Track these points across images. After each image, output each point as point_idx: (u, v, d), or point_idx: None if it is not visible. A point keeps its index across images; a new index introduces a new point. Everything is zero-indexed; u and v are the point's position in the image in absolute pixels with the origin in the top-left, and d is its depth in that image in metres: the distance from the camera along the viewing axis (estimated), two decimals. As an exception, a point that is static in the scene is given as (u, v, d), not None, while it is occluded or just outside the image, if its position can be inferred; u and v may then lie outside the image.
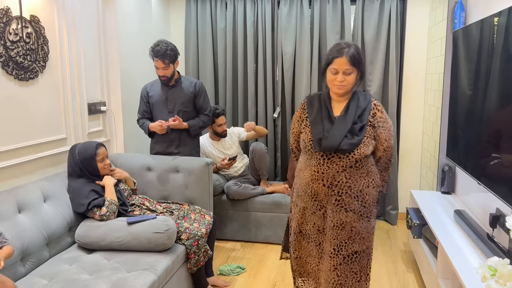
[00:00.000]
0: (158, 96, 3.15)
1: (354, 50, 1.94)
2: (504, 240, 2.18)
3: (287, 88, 4.11)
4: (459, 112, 2.79)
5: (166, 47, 2.94)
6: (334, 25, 3.94)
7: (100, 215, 2.42)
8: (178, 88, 3.13)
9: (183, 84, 3.14)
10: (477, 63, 2.45)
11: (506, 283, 1.27)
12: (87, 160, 2.52)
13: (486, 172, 2.27)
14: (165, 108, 3.13)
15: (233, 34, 4.18)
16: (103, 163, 2.57)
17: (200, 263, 2.57)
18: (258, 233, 3.60)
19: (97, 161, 2.54)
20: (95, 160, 2.53)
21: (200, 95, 3.17)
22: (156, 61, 2.97)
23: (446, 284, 2.35)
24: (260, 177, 3.74)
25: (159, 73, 3.04)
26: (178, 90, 3.13)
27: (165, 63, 2.96)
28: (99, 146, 2.58)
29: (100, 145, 2.59)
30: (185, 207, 2.78)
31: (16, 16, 2.35)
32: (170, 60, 2.97)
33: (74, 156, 2.54)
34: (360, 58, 1.97)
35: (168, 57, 2.95)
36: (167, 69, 3.00)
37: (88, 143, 2.59)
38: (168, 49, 2.94)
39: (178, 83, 3.14)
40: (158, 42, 2.99)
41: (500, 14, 2.13)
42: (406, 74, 4.03)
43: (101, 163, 2.56)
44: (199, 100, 3.18)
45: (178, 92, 3.13)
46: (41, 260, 2.23)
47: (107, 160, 2.60)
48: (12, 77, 2.34)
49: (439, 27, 3.52)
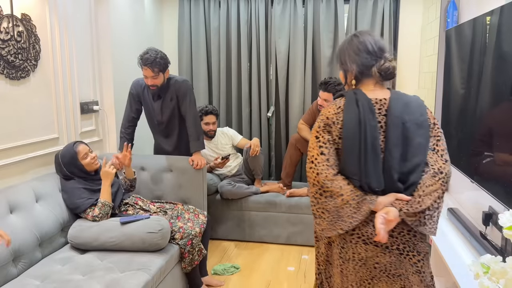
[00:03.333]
0: (148, 104, 3.04)
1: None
2: (496, 238, 2.19)
3: (281, 87, 4.11)
4: (452, 111, 2.81)
5: (155, 55, 2.77)
6: (328, 24, 3.94)
7: (92, 216, 2.40)
8: (165, 99, 2.97)
9: (169, 92, 2.96)
10: (469, 62, 2.46)
11: (499, 280, 1.27)
12: (71, 163, 2.50)
13: (479, 171, 2.28)
14: (154, 119, 3.06)
15: (227, 33, 4.17)
16: (88, 159, 2.53)
17: (195, 262, 2.56)
18: (252, 233, 3.60)
19: (80, 159, 2.50)
20: (78, 161, 2.50)
21: (184, 99, 2.95)
22: (145, 69, 2.80)
23: (439, 281, 2.36)
24: (255, 176, 3.74)
25: (148, 83, 2.86)
26: (165, 101, 2.97)
27: (154, 71, 2.79)
28: (77, 145, 2.54)
29: (78, 143, 2.56)
30: (178, 206, 2.77)
31: (7, 15, 2.32)
32: (159, 69, 2.80)
33: (59, 164, 2.52)
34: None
35: (158, 65, 2.78)
36: (156, 78, 2.83)
37: (66, 147, 2.56)
38: (158, 57, 2.78)
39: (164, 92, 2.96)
40: (147, 50, 2.82)
41: (492, 13, 2.14)
42: (399, 73, 4.05)
43: (86, 159, 2.52)
44: (182, 106, 2.98)
45: (165, 103, 2.97)
46: (34, 260, 2.21)
47: (91, 154, 2.56)
48: (3, 76, 2.32)
49: (432, 26, 3.53)
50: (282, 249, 3.51)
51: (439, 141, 1.60)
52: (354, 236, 1.58)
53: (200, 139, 2.98)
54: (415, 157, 1.55)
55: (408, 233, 1.58)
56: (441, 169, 1.56)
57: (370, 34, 1.64)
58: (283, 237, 3.56)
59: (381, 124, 1.57)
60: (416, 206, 1.52)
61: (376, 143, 1.54)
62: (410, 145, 1.55)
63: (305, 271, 3.12)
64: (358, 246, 1.58)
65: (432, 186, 1.54)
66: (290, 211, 3.50)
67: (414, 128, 1.56)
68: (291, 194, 3.56)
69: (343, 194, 1.53)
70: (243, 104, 4.20)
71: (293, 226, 3.52)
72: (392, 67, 1.60)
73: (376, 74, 1.60)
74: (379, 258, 1.58)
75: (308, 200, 3.48)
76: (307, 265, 3.21)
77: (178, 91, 2.95)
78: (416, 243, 1.58)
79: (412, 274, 1.58)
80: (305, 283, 2.94)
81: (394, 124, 1.55)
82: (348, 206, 1.54)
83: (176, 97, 2.97)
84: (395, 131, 1.54)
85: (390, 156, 1.54)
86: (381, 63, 1.59)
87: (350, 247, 1.60)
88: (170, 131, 3.09)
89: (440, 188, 1.54)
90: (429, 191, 1.53)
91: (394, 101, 1.58)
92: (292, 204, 3.49)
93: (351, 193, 1.54)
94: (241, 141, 3.78)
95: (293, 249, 3.50)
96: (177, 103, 2.99)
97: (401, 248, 1.58)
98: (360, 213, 1.54)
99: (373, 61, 1.60)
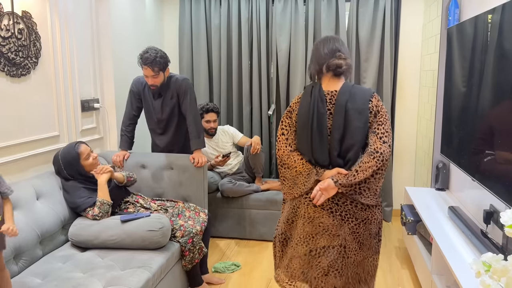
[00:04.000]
0: (148, 102, 3.04)
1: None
2: (497, 236, 2.19)
3: (281, 85, 4.11)
4: (453, 109, 2.80)
5: (155, 54, 2.77)
6: (329, 22, 3.93)
7: (92, 215, 2.40)
8: (165, 97, 2.98)
9: (170, 90, 2.96)
10: (471, 60, 2.46)
11: (500, 278, 1.27)
12: (72, 165, 2.48)
13: (480, 169, 2.28)
14: (154, 116, 3.05)
15: (228, 31, 4.16)
16: (90, 160, 2.52)
17: (195, 260, 2.56)
18: (253, 231, 3.60)
19: (82, 161, 2.49)
20: (79, 162, 2.48)
21: (185, 97, 2.95)
22: (145, 69, 2.79)
23: (440, 280, 2.36)
24: (255, 175, 3.73)
25: (149, 82, 2.87)
26: (165, 99, 2.98)
27: (155, 71, 2.79)
28: (78, 146, 2.51)
29: (80, 144, 2.53)
30: (179, 204, 2.77)
31: (7, 12, 2.32)
32: (160, 68, 2.80)
33: (59, 166, 2.50)
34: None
35: (158, 64, 2.78)
36: (156, 77, 2.83)
37: (67, 148, 2.52)
38: (158, 56, 2.77)
39: (165, 91, 2.96)
40: (147, 49, 2.80)
41: (493, 11, 2.13)
42: (401, 71, 4.04)
43: (87, 160, 2.51)
44: (182, 104, 2.98)
45: (165, 101, 2.98)
46: (34, 258, 2.21)
47: (93, 155, 2.55)
48: (3, 73, 2.32)
49: (433, 24, 3.53)
50: (283, 247, 3.51)
51: (380, 125, 1.89)
52: (307, 199, 1.98)
53: (201, 137, 2.98)
54: (352, 138, 1.89)
55: (350, 203, 1.93)
56: (377, 149, 1.85)
57: (328, 40, 2.00)
58: (283, 235, 3.56)
59: (330, 111, 1.93)
60: (351, 179, 1.85)
61: (322, 126, 1.92)
62: (349, 128, 1.89)
63: (306, 269, 3.12)
64: (309, 207, 1.98)
65: (368, 163, 1.84)
66: (290, 209, 3.50)
67: (354, 114, 1.89)
68: (291, 192, 3.56)
69: (297, 167, 1.98)
70: (244, 102, 4.20)
71: (293, 224, 3.52)
72: (340, 63, 1.93)
73: (326, 70, 1.95)
74: (324, 219, 1.96)
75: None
76: (307, 263, 3.21)
77: (179, 89, 2.95)
78: (355, 211, 1.94)
79: (349, 235, 1.96)
80: (306, 281, 2.94)
81: (337, 111, 1.91)
82: (301, 176, 1.98)
83: (176, 95, 2.97)
84: (338, 117, 1.90)
85: (332, 138, 1.92)
86: (329, 61, 1.94)
87: (303, 207, 2.00)
88: (168, 128, 3.09)
89: (375, 164, 1.83)
90: (365, 167, 1.84)
91: (341, 93, 1.93)
92: (293, 202, 3.49)
93: (302, 166, 1.98)
94: (241, 139, 3.77)
95: (294, 247, 3.50)
96: (177, 101, 2.99)
97: (343, 214, 1.95)
98: (309, 182, 1.95)
99: (324, 60, 1.96)
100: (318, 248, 1.98)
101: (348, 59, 1.97)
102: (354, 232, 1.96)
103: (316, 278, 2.00)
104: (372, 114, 1.90)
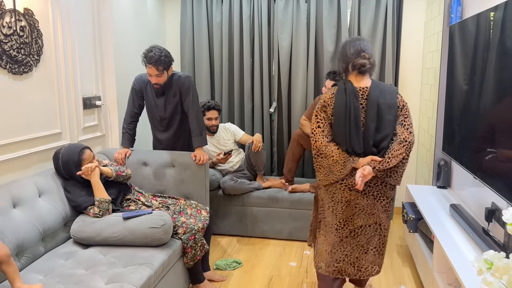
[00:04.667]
0: (150, 100, 3.04)
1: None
2: (499, 234, 2.19)
3: (283, 82, 4.10)
4: (455, 106, 2.80)
5: (160, 53, 2.77)
6: (331, 19, 3.93)
7: (93, 213, 2.41)
8: (168, 95, 2.98)
9: (172, 88, 2.97)
10: (473, 57, 2.45)
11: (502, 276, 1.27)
12: (71, 167, 2.44)
13: (482, 167, 2.28)
14: (156, 114, 3.05)
15: (229, 29, 4.16)
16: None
17: (197, 257, 2.57)
18: (254, 228, 3.61)
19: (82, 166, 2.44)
20: (79, 168, 2.44)
21: (187, 95, 2.95)
22: (149, 67, 2.80)
23: (441, 277, 2.36)
24: (257, 172, 3.74)
25: (152, 81, 2.87)
26: (168, 97, 2.98)
27: (159, 70, 2.80)
28: (83, 152, 2.46)
29: (85, 150, 2.48)
30: (181, 201, 2.77)
31: (9, 9, 2.32)
32: (164, 67, 2.81)
33: (57, 164, 2.47)
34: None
35: (162, 63, 2.78)
36: (160, 76, 2.84)
37: (70, 150, 2.47)
38: (162, 56, 2.77)
39: (168, 89, 2.97)
40: (151, 48, 2.81)
41: (496, 9, 2.12)
42: (402, 68, 4.03)
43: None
44: (185, 102, 2.98)
45: (168, 99, 2.99)
46: (37, 255, 2.22)
47: (94, 161, 2.50)
48: (5, 70, 2.32)
49: (435, 21, 3.52)
50: (284, 244, 3.52)
51: (406, 118, 2.19)
52: (342, 185, 2.22)
53: (203, 134, 2.98)
54: (385, 129, 2.17)
55: (381, 184, 2.22)
56: (406, 138, 2.14)
57: (354, 41, 2.25)
58: (285, 232, 3.57)
59: (362, 106, 2.18)
60: (385, 165, 2.13)
61: (358, 119, 2.16)
62: (382, 121, 2.17)
63: (307, 266, 3.12)
64: (345, 191, 2.22)
65: (398, 150, 2.13)
66: (292, 207, 3.50)
67: (386, 109, 2.16)
68: (293, 190, 3.56)
69: (334, 156, 2.19)
70: (245, 100, 4.19)
71: (295, 222, 3.52)
72: (364, 62, 2.18)
73: (352, 69, 2.21)
74: (359, 200, 2.23)
75: (310, 196, 3.49)
76: (309, 260, 3.22)
77: (181, 87, 2.95)
78: (386, 191, 2.24)
79: (382, 212, 2.26)
80: (307, 278, 2.94)
81: (370, 106, 2.16)
82: (337, 164, 2.19)
83: (179, 93, 2.97)
84: (372, 111, 2.16)
85: (367, 128, 2.17)
86: (354, 61, 2.19)
87: (339, 192, 2.23)
88: (170, 126, 3.09)
89: (404, 152, 2.13)
90: (396, 154, 2.13)
91: (373, 89, 2.19)
92: (294, 200, 3.49)
93: (339, 155, 2.19)
94: (243, 136, 3.77)
95: (295, 245, 3.51)
96: (180, 99, 2.99)
97: (375, 194, 2.23)
98: (345, 169, 2.18)
99: (350, 60, 2.20)
100: (356, 228, 2.26)
101: (371, 58, 2.21)
102: (387, 210, 2.27)
103: (358, 258, 2.30)
104: (399, 108, 2.19)
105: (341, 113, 2.17)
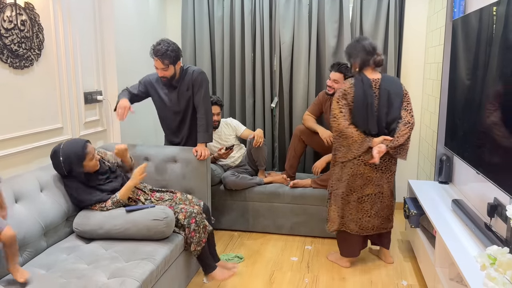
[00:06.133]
0: (162, 96, 3.03)
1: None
2: (501, 230, 2.19)
3: (285, 77, 4.09)
4: (457, 101, 2.79)
5: (167, 47, 2.79)
6: (333, 14, 3.91)
7: (101, 206, 2.40)
8: (181, 89, 2.99)
9: (185, 82, 2.98)
10: (476, 52, 2.44)
11: (505, 271, 1.27)
12: (74, 163, 2.37)
13: (484, 162, 2.27)
14: (170, 109, 3.05)
15: (231, 23, 4.14)
16: (93, 161, 2.42)
17: (202, 240, 2.53)
18: (256, 223, 3.61)
19: (86, 162, 2.39)
20: (82, 163, 2.38)
21: (199, 90, 2.97)
22: (156, 60, 2.83)
23: (443, 272, 2.36)
24: (258, 167, 3.73)
25: (159, 74, 2.91)
26: (181, 90, 2.99)
27: (165, 63, 2.81)
28: (86, 146, 2.40)
29: (87, 143, 2.42)
30: (177, 196, 2.74)
31: (10, 3, 2.31)
32: (170, 61, 2.82)
33: (58, 162, 2.38)
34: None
35: (168, 57, 2.80)
36: (166, 70, 2.85)
37: (72, 145, 2.39)
38: (169, 50, 2.79)
39: (180, 83, 2.98)
40: (160, 41, 2.83)
41: (499, 3, 2.11)
42: (405, 63, 4.01)
43: (92, 161, 2.42)
44: (196, 96, 2.99)
45: (181, 93, 3.00)
46: (39, 249, 2.22)
47: (96, 156, 2.46)
48: (6, 65, 2.31)
49: (438, 16, 3.50)
50: (286, 239, 3.52)
51: (408, 104, 2.76)
52: (359, 160, 2.75)
53: (209, 131, 2.98)
54: (394, 113, 2.73)
55: (389, 159, 2.78)
56: (409, 120, 2.72)
57: (367, 39, 2.78)
58: (286, 227, 3.57)
59: (376, 94, 2.71)
60: (395, 143, 2.69)
61: (373, 105, 2.69)
62: (391, 107, 2.72)
63: (308, 261, 3.13)
64: (360, 166, 2.76)
65: (403, 131, 2.70)
66: (293, 202, 3.50)
67: (394, 96, 2.72)
68: (294, 185, 3.56)
69: (353, 136, 2.69)
70: (246, 95, 4.18)
71: (296, 217, 3.53)
72: (382, 59, 2.76)
73: (372, 64, 2.75)
74: (371, 173, 2.78)
75: (311, 191, 3.49)
76: (310, 255, 3.22)
77: (194, 81, 2.98)
78: (390, 166, 2.81)
79: (385, 183, 2.82)
80: (309, 273, 2.95)
81: (382, 94, 2.71)
82: (355, 144, 2.70)
83: (191, 87, 2.99)
84: (383, 98, 2.70)
85: (380, 113, 2.71)
86: (375, 58, 2.74)
87: (355, 167, 2.76)
88: (184, 121, 3.09)
89: (408, 131, 2.70)
90: (402, 133, 2.70)
91: (383, 80, 2.74)
92: (296, 195, 3.49)
93: (358, 136, 2.70)
94: (244, 132, 3.77)
95: (297, 240, 3.51)
96: (192, 93, 3.00)
97: (383, 169, 2.79)
98: (362, 148, 2.70)
99: (369, 57, 2.73)
100: (364, 195, 2.80)
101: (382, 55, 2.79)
102: (389, 181, 2.83)
103: (361, 219, 2.85)
104: (404, 96, 2.75)
105: (360, 100, 2.66)
